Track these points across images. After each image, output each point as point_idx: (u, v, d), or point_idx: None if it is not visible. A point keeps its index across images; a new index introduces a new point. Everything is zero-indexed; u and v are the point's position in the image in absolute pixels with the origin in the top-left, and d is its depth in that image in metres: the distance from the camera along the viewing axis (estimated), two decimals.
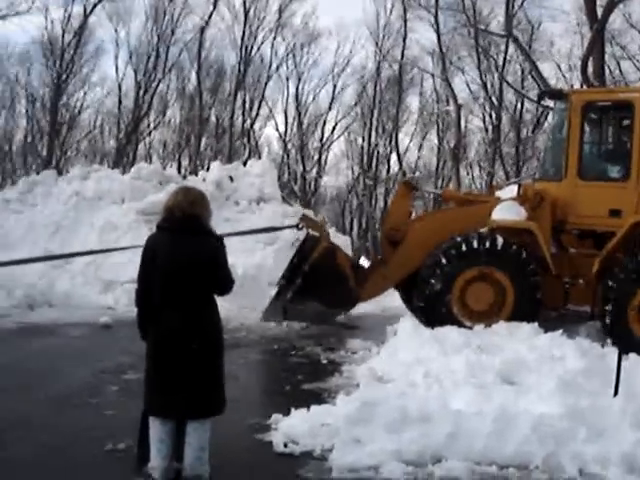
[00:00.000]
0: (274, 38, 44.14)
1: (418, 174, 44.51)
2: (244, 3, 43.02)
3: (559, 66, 35.46)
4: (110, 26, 43.86)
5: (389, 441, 5.25)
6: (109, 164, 37.05)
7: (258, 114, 45.65)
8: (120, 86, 44.62)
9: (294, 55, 45.79)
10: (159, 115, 45.90)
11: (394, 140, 43.42)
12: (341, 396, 6.23)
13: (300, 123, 46.41)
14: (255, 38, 43.65)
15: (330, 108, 46.43)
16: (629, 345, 8.21)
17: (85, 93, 44.97)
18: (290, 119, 46.92)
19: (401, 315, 9.89)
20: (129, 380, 7.44)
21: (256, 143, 46.08)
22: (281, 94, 47.08)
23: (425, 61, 41.50)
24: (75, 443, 5.50)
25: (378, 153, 46.06)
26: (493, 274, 9.67)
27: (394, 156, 44.73)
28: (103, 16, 42.83)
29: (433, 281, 9.69)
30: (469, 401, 6.02)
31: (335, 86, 46.28)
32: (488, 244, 9.65)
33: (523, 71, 36.90)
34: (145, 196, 15.88)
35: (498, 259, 9.65)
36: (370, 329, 10.38)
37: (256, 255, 14.02)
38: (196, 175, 19.47)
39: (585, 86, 20.07)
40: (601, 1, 21.83)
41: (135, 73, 43.58)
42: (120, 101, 44.66)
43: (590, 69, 20.95)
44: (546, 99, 14.53)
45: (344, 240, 17.95)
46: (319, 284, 9.74)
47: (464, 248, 9.69)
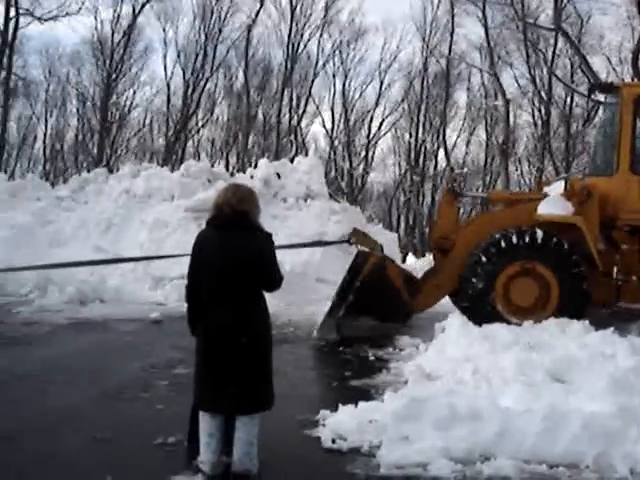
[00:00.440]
0: (321, 35, 44.37)
1: (466, 170, 44.21)
2: (291, 1, 43.27)
3: (609, 59, 34.79)
4: (158, 25, 44.57)
5: (437, 438, 5.23)
6: (158, 162, 37.45)
7: (305, 111, 45.86)
8: (169, 85, 45.25)
9: (341, 52, 45.93)
10: (207, 113, 46.37)
11: (442, 136, 43.21)
12: (389, 393, 6.20)
13: (347, 120, 46.43)
14: (302, 35, 43.90)
15: (377, 104, 46.48)
16: None
17: (134, 92, 45.78)
18: (337, 116, 47.08)
19: (449, 312, 9.81)
20: (179, 375, 7.51)
21: (303, 140, 46.22)
22: (328, 91, 47.28)
23: (473, 56, 41.28)
24: (126, 436, 5.56)
25: (425, 149, 45.87)
26: (535, 268, 9.51)
27: (441, 152, 44.61)
28: (151, 16, 43.57)
29: (475, 280, 9.60)
30: (518, 399, 5.95)
31: (382, 82, 46.32)
32: (528, 238, 9.50)
33: (572, 65, 36.36)
34: (194, 193, 16.03)
35: (539, 253, 9.48)
36: (418, 326, 10.32)
37: (303, 252, 14.05)
38: (244, 172, 19.58)
39: (636, 79, 19.67)
40: None
41: (183, 72, 44.16)
42: (169, 100, 45.22)
43: None
44: (596, 93, 14.26)
45: (391, 237, 17.93)
46: (371, 299, 9.73)
47: (503, 244, 9.56)
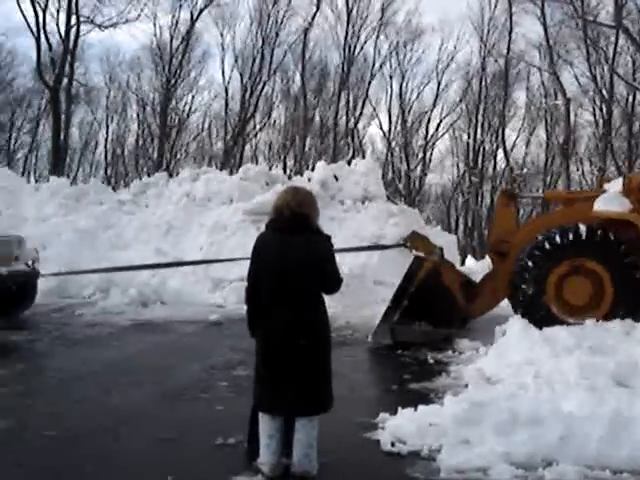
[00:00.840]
0: (377, 37, 44.27)
1: (526, 171, 43.63)
2: (347, 3, 43.35)
3: None
4: (216, 30, 45.00)
5: (498, 443, 5.16)
6: (217, 166, 37.92)
7: (362, 113, 45.80)
8: (226, 89, 45.74)
9: (397, 53, 45.75)
10: (264, 117, 46.64)
11: (500, 136, 42.71)
12: (449, 396, 6.15)
13: (404, 121, 46.23)
14: (358, 37, 43.92)
15: (434, 105, 46.15)
16: None
17: (193, 97, 46.43)
18: (394, 117, 46.90)
19: (509, 315, 9.68)
20: (238, 376, 7.57)
21: (360, 142, 46.21)
22: (385, 92, 47.12)
23: (532, 55, 40.67)
24: (186, 437, 5.61)
25: (484, 150, 45.41)
26: (585, 265, 9.29)
27: (501, 152, 44.06)
28: (209, 21, 44.05)
29: (525, 287, 9.43)
30: (581, 404, 5.83)
31: (439, 83, 46.01)
32: (572, 236, 9.28)
33: (635, 62, 35.64)
34: (252, 196, 16.16)
35: (586, 248, 9.26)
36: (478, 329, 10.21)
37: (361, 254, 14.04)
38: (301, 175, 19.68)
39: None
40: None
41: (241, 76, 44.60)
42: (227, 104, 45.74)
43: None
44: None
45: (450, 239, 17.79)
46: (425, 305, 9.67)
47: (547, 246, 9.37)
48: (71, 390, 7.07)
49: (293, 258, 4.59)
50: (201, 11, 41.45)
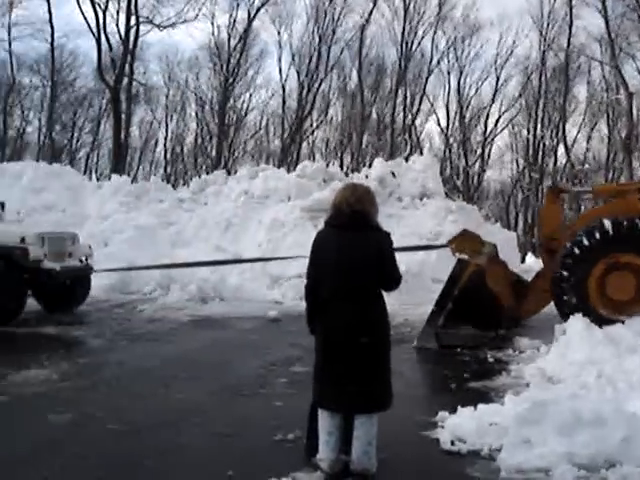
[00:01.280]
0: (434, 32, 44.03)
1: (587, 166, 42.76)
2: None
3: None
4: (273, 29, 45.26)
5: (560, 443, 5.06)
6: (274, 163, 38.13)
7: (419, 109, 45.58)
8: (284, 87, 45.99)
9: (455, 48, 45.46)
10: (321, 114, 46.77)
11: (561, 131, 42.00)
12: (509, 396, 6.08)
13: (462, 117, 45.88)
14: (415, 33, 43.72)
15: (493, 100, 45.70)
16: None
17: (251, 95, 46.90)
18: (452, 113, 46.60)
19: None
20: (297, 372, 7.60)
21: (417, 139, 45.98)
22: (442, 88, 46.83)
23: (593, 48, 39.81)
24: (246, 432, 5.65)
25: (544, 145, 44.72)
26: (620, 260, 9.07)
27: (561, 148, 43.33)
28: (266, 19, 44.33)
29: (566, 297, 9.24)
30: None
31: (498, 78, 45.50)
32: (598, 234, 9.09)
33: None
34: (310, 194, 16.22)
35: (616, 243, 9.04)
36: (538, 327, 10.05)
37: (419, 252, 13.95)
38: (358, 172, 19.66)
39: None
40: None
41: (298, 74, 44.78)
42: (284, 102, 45.98)
43: None
44: None
45: (510, 236, 17.54)
46: (470, 307, 9.52)
47: (577, 251, 9.18)
48: (132, 384, 7.18)
49: (353, 255, 4.57)
50: (258, 10, 41.81)
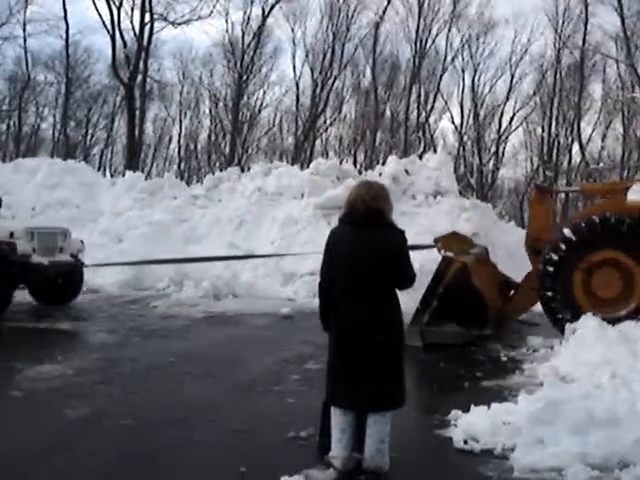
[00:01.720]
0: (449, 30, 43.93)
1: (602, 165, 42.52)
2: None
3: None
4: (287, 26, 45.40)
5: (573, 443, 5.05)
6: (288, 160, 38.17)
7: (433, 107, 45.54)
8: (297, 84, 46.04)
9: (469, 46, 45.34)
10: (335, 111, 46.84)
11: (576, 130, 41.80)
12: (523, 395, 6.04)
13: (476, 115, 45.75)
14: (430, 31, 43.62)
15: (508, 98, 45.61)
16: None
17: (264, 92, 47.04)
18: (466, 111, 46.53)
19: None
20: (310, 370, 7.62)
21: (431, 136, 45.90)
22: (456, 86, 46.78)
23: (608, 46, 39.61)
24: (258, 429, 5.65)
25: (559, 143, 44.53)
26: (613, 257, 9.05)
27: (576, 146, 43.10)
28: (280, 16, 44.47)
29: (554, 306, 9.33)
30: None
31: (513, 76, 45.41)
32: (585, 230, 9.11)
33: None
34: (323, 191, 16.21)
35: (600, 240, 9.04)
36: (549, 326, 10.00)
37: (433, 249, 13.90)
38: (372, 170, 19.61)
39: None
40: None
41: (312, 71, 44.82)
42: (298, 99, 46.01)
43: None
44: None
45: (523, 234, 17.43)
46: (455, 305, 9.46)
47: (555, 257, 9.24)
48: (146, 380, 7.20)
49: (367, 253, 4.56)
50: (272, 7, 41.89)
